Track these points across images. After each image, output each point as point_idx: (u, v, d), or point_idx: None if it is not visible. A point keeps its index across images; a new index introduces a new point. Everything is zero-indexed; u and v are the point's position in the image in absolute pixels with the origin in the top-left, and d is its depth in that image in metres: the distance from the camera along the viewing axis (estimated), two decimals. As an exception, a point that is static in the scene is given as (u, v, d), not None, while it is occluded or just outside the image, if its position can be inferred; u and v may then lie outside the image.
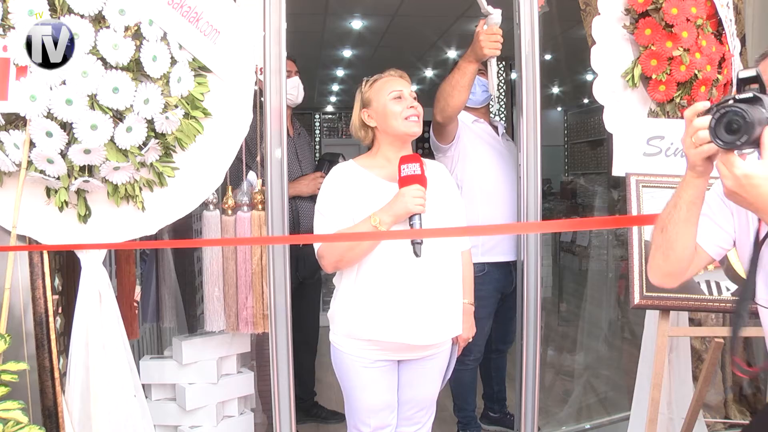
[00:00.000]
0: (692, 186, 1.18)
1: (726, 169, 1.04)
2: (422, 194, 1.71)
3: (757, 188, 1.02)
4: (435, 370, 1.89)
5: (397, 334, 1.74)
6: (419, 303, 1.73)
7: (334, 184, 1.82)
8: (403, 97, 1.84)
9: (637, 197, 2.04)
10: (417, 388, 1.87)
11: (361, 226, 1.72)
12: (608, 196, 4.59)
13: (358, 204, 1.76)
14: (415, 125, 1.83)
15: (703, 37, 2.18)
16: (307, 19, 4.60)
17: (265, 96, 2.10)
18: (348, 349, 1.81)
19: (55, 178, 1.69)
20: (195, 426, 2.37)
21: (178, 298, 2.64)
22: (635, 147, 2.13)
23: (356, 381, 1.82)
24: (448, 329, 1.83)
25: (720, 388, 2.77)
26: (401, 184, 1.73)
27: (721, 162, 1.05)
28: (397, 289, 1.73)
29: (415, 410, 1.91)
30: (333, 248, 1.75)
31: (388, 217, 1.70)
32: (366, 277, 1.75)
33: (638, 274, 1.97)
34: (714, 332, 2.14)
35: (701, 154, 1.10)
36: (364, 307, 1.75)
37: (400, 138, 1.84)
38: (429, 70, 6.49)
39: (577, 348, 3.71)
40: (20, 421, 1.55)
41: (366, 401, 1.82)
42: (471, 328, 2.00)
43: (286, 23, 2.10)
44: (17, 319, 1.79)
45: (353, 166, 1.86)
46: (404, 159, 1.75)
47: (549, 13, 2.57)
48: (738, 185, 1.04)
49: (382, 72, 1.93)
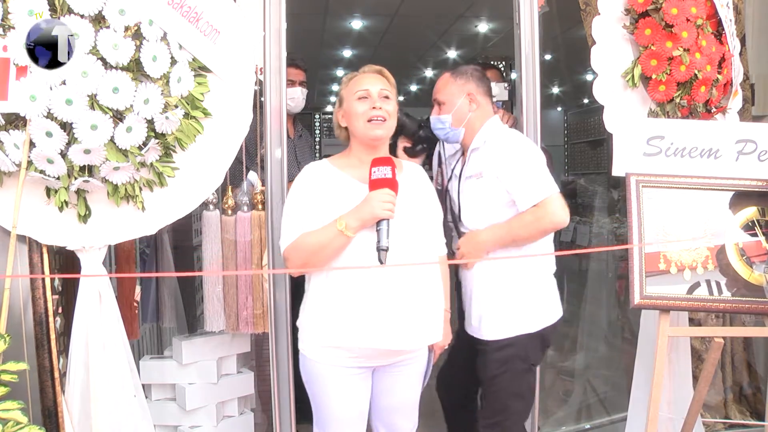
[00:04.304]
0: None
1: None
2: (391, 199, 1.63)
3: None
4: (411, 375, 1.82)
5: (371, 340, 1.67)
6: (391, 307, 1.66)
7: (305, 184, 1.74)
8: (369, 96, 1.74)
9: (637, 197, 2.04)
10: (394, 394, 1.81)
11: (327, 229, 1.65)
12: (608, 196, 4.59)
13: (328, 205, 1.69)
14: (377, 128, 1.73)
15: (703, 37, 2.18)
16: (307, 19, 4.60)
17: (265, 96, 2.11)
18: (319, 358, 1.73)
19: (55, 178, 1.69)
20: (195, 426, 2.37)
21: (178, 298, 2.64)
22: (635, 147, 2.13)
23: (329, 391, 1.74)
24: (425, 335, 1.75)
25: (720, 388, 2.78)
26: (371, 187, 1.66)
27: None
28: (367, 293, 1.66)
29: (394, 416, 1.84)
30: (299, 251, 1.68)
31: (355, 221, 1.63)
32: (336, 281, 1.69)
33: (638, 274, 1.97)
34: (714, 332, 2.14)
35: None
36: (336, 314, 1.68)
37: (365, 142, 1.76)
38: (429, 70, 6.49)
39: (577, 348, 3.71)
40: (20, 421, 1.55)
41: (339, 411, 1.75)
42: (448, 335, 1.91)
43: (286, 23, 2.10)
44: (17, 319, 1.79)
45: (326, 166, 1.78)
46: (376, 161, 1.68)
47: (549, 13, 2.57)
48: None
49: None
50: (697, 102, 2.23)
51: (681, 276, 1.98)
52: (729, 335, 2.68)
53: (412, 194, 1.76)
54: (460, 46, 5.78)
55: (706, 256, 2.00)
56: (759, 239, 2.01)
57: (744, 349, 2.86)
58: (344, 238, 1.63)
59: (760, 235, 2.01)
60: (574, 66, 5.26)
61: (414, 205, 1.75)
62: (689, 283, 1.97)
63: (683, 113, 2.25)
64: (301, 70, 2.75)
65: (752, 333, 2.62)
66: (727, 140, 2.11)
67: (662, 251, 1.99)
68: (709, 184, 2.06)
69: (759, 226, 2.02)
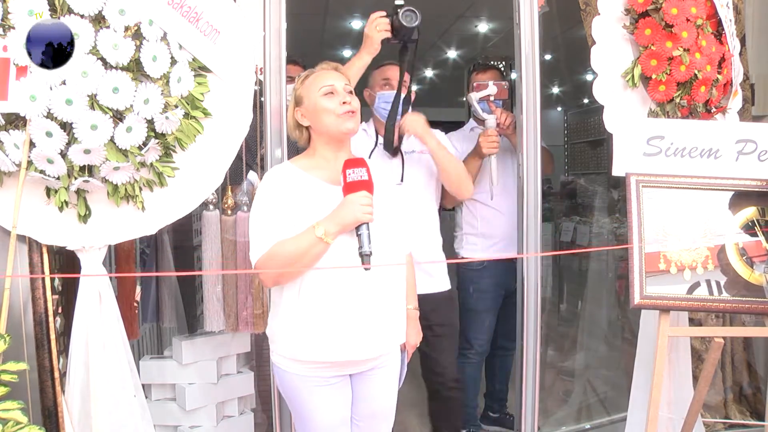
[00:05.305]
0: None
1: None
2: (370, 201, 1.58)
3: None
4: (387, 379, 1.79)
5: (347, 352, 1.64)
6: (364, 316, 1.63)
7: (271, 189, 1.66)
8: (335, 92, 1.70)
9: (637, 197, 2.04)
10: (372, 400, 1.78)
11: (304, 236, 1.57)
12: (608, 196, 4.58)
13: (298, 210, 1.62)
14: (349, 121, 1.68)
15: (703, 37, 2.18)
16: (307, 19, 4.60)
17: (265, 96, 2.11)
18: (296, 370, 1.68)
19: (55, 178, 1.69)
20: (195, 426, 2.37)
21: (178, 298, 2.64)
22: (635, 147, 2.13)
23: (309, 402, 1.69)
24: (393, 337, 1.74)
25: (720, 388, 2.78)
26: (347, 190, 1.59)
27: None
28: (343, 303, 1.62)
29: (374, 423, 1.81)
30: (275, 261, 1.59)
31: (335, 226, 1.56)
32: (310, 291, 1.62)
33: (638, 274, 1.97)
34: (714, 332, 2.14)
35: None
36: (311, 327, 1.63)
37: (335, 137, 1.71)
38: (429, 70, 6.49)
39: (577, 348, 3.71)
40: (20, 421, 1.55)
41: (322, 421, 1.70)
42: (418, 334, 1.89)
43: (286, 23, 2.10)
44: (17, 319, 1.79)
45: (290, 168, 1.72)
46: (349, 163, 1.62)
47: (549, 13, 2.57)
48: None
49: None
50: (697, 102, 2.23)
51: (681, 276, 1.98)
52: (729, 335, 2.68)
53: (383, 194, 1.71)
54: (460, 46, 5.79)
55: (706, 256, 2.00)
56: (759, 239, 2.01)
57: (744, 349, 2.86)
58: (323, 244, 1.57)
59: (760, 235, 2.01)
60: (574, 66, 5.26)
61: (386, 205, 1.70)
62: (689, 283, 1.97)
63: (683, 113, 2.25)
64: (299, 66, 2.76)
65: (752, 333, 2.62)
66: (727, 140, 2.11)
67: (662, 251, 1.99)
68: (709, 184, 2.06)
69: (759, 226, 2.02)
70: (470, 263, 2.73)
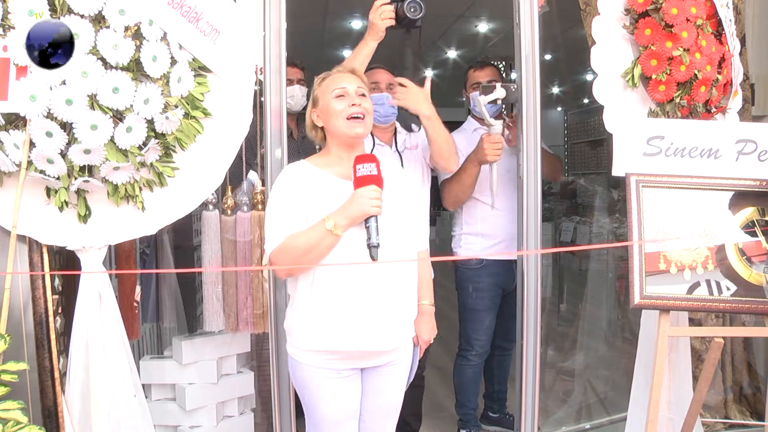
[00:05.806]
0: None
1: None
2: (379, 195, 1.62)
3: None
4: (398, 376, 1.82)
5: (361, 342, 1.67)
6: (378, 307, 1.67)
7: (287, 185, 1.72)
8: (347, 94, 1.73)
9: (637, 197, 2.04)
10: (382, 395, 1.81)
11: (315, 229, 1.63)
12: (608, 196, 4.58)
13: (312, 204, 1.67)
14: (358, 125, 1.72)
15: (703, 37, 2.18)
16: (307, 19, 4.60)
17: (265, 96, 2.11)
18: (309, 361, 1.72)
19: (55, 178, 1.69)
20: (195, 426, 2.37)
21: (178, 298, 2.64)
22: (635, 147, 2.13)
23: (320, 393, 1.73)
24: (404, 330, 1.77)
25: (720, 388, 2.78)
26: (357, 184, 1.64)
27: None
28: (355, 295, 1.66)
29: (381, 419, 1.83)
30: (287, 253, 1.64)
31: (344, 219, 1.61)
32: (322, 283, 1.67)
33: (638, 274, 1.97)
34: (714, 332, 2.14)
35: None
36: (324, 317, 1.67)
37: (345, 141, 1.75)
38: (429, 70, 6.49)
39: (577, 348, 3.71)
40: (20, 421, 1.55)
41: (331, 414, 1.74)
42: (432, 329, 1.91)
43: (286, 23, 2.10)
44: (17, 319, 1.79)
45: (306, 166, 1.77)
46: (359, 159, 1.67)
47: (549, 13, 2.57)
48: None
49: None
50: (697, 102, 2.23)
51: (681, 276, 1.98)
52: (729, 335, 2.68)
53: (394, 189, 1.75)
54: (460, 46, 5.79)
55: (706, 256, 2.00)
56: (759, 239, 2.01)
57: (744, 349, 2.86)
58: (333, 237, 1.61)
59: (760, 235, 2.01)
60: (574, 66, 5.25)
61: (396, 200, 1.74)
62: (689, 283, 1.97)
63: (683, 113, 2.25)
64: (297, 68, 2.76)
65: (752, 333, 2.62)
66: (727, 140, 2.11)
67: (662, 251, 1.99)
68: (709, 184, 2.06)
69: (758, 226, 2.02)
70: (468, 263, 2.73)
